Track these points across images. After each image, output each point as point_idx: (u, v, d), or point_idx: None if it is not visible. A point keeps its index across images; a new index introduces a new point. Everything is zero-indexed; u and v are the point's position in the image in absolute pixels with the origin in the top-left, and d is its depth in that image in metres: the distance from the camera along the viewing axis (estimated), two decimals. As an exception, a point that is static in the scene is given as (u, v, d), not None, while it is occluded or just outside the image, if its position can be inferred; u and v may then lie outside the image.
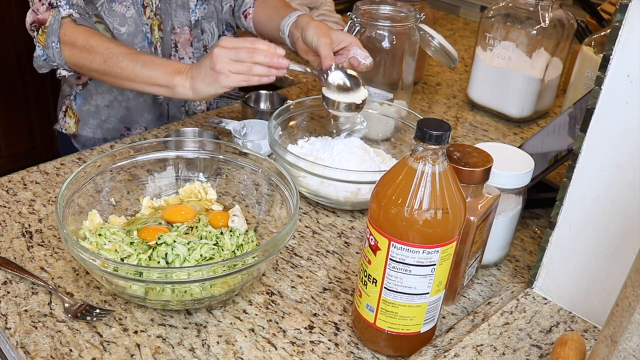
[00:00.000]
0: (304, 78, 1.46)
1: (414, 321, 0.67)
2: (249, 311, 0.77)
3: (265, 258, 0.71)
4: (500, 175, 0.78)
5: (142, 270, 0.69)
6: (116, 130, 1.25)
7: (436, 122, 0.59)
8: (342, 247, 0.89)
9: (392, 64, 1.13)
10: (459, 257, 0.74)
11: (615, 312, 0.51)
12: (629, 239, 0.66)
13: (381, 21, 1.11)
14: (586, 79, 1.15)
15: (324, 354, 0.71)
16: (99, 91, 1.22)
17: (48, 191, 0.97)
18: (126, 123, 1.25)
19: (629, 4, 0.60)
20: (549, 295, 0.76)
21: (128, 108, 1.24)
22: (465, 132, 1.24)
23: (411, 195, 0.60)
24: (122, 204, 0.88)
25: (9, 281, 0.79)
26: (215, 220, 0.84)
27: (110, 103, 1.23)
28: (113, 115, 1.24)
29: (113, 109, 1.24)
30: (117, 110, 1.24)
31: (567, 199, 0.70)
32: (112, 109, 1.24)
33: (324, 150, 0.99)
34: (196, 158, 0.92)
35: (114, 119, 1.24)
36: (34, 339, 0.71)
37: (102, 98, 1.23)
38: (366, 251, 0.66)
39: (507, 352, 0.68)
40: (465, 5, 1.95)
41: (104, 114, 1.24)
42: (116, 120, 1.24)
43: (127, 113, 1.24)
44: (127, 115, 1.25)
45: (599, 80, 0.64)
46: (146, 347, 0.71)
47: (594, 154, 0.66)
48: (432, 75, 1.51)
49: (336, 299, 0.79)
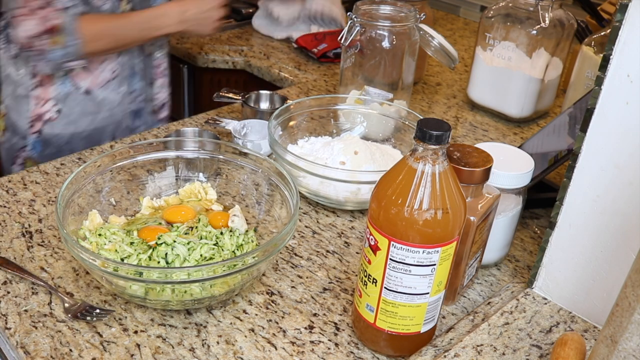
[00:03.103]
0: (304, 78, 1.46)
1: (414, 321, 0.67)
2: (249, 311, 0.77)
3: (265, 258, 0.71)
4: (500, 175, 0.78)
5: (142, 270, 0.69)
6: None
7: (436, 122, 0.59)
8: (342, 247, 0.89)
9: (392, 64, 1.13)
10: (459, 257, 0.74)
11: (615, 312, 0.51)
12: (629, 239, 0.66)
13: (381, 21, 1.11)
14: (586, 79, 1.15)
15: (324, 354, 0.71)
16: (55, 131, 1.20)
17: (48, 191, 0.97)
18: (94, 144, 1.24)
19: (629, 4, 0.60)
20: (549, 295, 0.76)
21: (87, 136, 1.24)
22: (465, 132, 1.24)
23: (411, 195, 0.60)
24: (122, 204, 0.88)
25: (9, 281, 0.79)
26: (215, 220, 0.84)
27: (70, 138, 1.22)
28: (76, 147, 1.22)
29: (74, 141, 1.23)
30: (78, 143, 1.23)
31: (567, 199, 0.70)
32: (73, 142, 1.23)
33: (324, 150, 0.99)
34: (196, 158, 0.92)
35: (78, 148, 1.23)
36: (34, 339, 0.71)
37: (60, 138, 1.21)
38: (366, 251, 0.66)
39: (507, 352, 0.68)
40: (465, 5, 1.95)
41: (67, 151, 1.21)
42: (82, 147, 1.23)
43: (87, 141, 1.24)
44: (92, 140, 1.24)
45: (599, 80, 0.64)
46: (146, 347, 0.71)
47: (594, 154, 0.66)
48: (432, 75, 1.51)
49: (336, 299, 0.79)
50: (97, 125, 1.23)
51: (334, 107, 1.09)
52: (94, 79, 1.19)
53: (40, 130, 1.20)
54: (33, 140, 1.21)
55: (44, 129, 1.20)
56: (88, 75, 1.19)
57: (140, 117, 1.30)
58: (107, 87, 1.21)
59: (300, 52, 1.60)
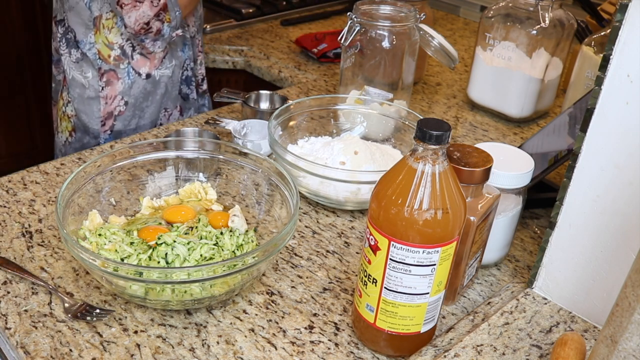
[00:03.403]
0: (304, 78, 1.46)
1: (414, 321, 0.67)
2: (249, 311, 0.77)
3: (265, 258, 0.71)
4: (500, 175, 0.78)
5: (142, 270, 0.69)
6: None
7: (436, 122, 0.59)
8: (342, 247, 0.89)
9: (392, 64, 1.13)
10: (459, 257, 0.74)
11: (615, 312, 0.51)
12: (629, 239, 0.66)
13: (381, 21, 1.11)
14: (586, 79, 1.15)
15: (324, 354, 0.71)
16: (125, 123, 1.29)
17: (48, 191, 0.97)
18: (155, 123, 1.33)
19: (629, 4, 0.60)
20: (549, 295, 0.76)
21: (151, 118, 1.31)
22: (465, 132, 1.24)
23: (411, 195, 0.60)
24: (122, 204, 0.88)
25: (9, 281, 0.79)
26: (215, 220, 0.84)
27: (137, 125, 1.30)
28: (142, 130, 1.30)
29: (140, 126, 1.31)
30: (143, 127, 1.31)
31: (567, 199, 0.70)
32: (139, 127, 1.31)
33: (324, 150, 0.99)
34: (196, 158, 0.92)
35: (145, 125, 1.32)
36: (34, 339, 0.71)
37: (129, 127, 1.30)
38: (366, 251, 0.66)
39: (507, 352, 0.68)
40: (465, 5, 1.95)
41: (133, 124, 1.31)
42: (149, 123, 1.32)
43: (151, 122, 1.32)
44: (152, 122, 1.32)
45: (599, 80, 0.64)
46: (146, 347, 0.71)
47: (594, 154, 0.66)
48: (432, 75, 1.51)
49: (336, 299, 0.79)
50: (156, 103, 1.30)
51: (334, 107, 1.09)
52: (151, 62, 1.25)
53: (112, 126, 1.28)
54: (106, 138, 1.29)
55: (115, 124, 1.28)
56: (145, 61, 1.25)
57: (189, 86, 1.38)
58: (162, 65, 1.28)
59: (300, 52, 1.60)
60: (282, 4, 1.86)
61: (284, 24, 1.79)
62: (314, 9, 1.91)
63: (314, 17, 1.85)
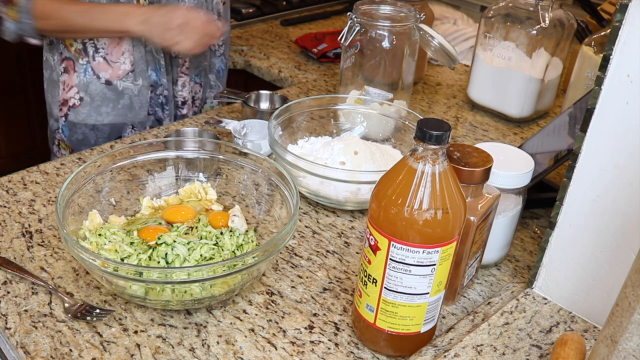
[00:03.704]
0: (304, 78, 1.46)
1: (414, 321, 0.67)
2: (249, 311, 0.77)
3: (265, 258, 0.71)
4: (500, 175, 0.78)
5: (142, 270, 0.69)
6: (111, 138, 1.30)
7: (436, 122, 0.59)
8: (342, 247, 0.89)
9: (392, 64, 1.13)
10: (459, 257, 0.74)
11: (615, 312, 0.51)
12: (629, 239, 0.66)
13: (381, 21, 1.11)
14: (586, 79, 1.15)
15: (324, 354, 0.71)
16: (79, 118, 1.27)
17: (48, 191, 0.97)
18: (118, 134, 1.29)
19: (629, 4, 0.60)
20: (549, 295, 0.76)
21: (112, 124, 1.27)
22: (465, 132, 1.24)
23: (411, 195, 0.60)
24: (122, 204, 0.88)
25: (9, 281, 0.79)
26: (215, 220, 0.84)
27: (94, 126, 1.27)
28: (101, 137, 1.28)
29: (99, 130, 1.28)
30: (102, 130, 1.28)
31: (567, 199, 0.70)
32: (98, 130, 1.28)
33: (324, 150, 0.99)
34: (196, 158, 0.92)
35: (101, 140, 1.28)
36: (34, 339, 0.71)
37: (84, 124, 1.27)
38: (366, 251, 0.66)
39: (507, 352, 0.68)
40: (465, 5, 1.95)
41: (92, 138, 1.28)
42: (105, 139, 1.28)
43: (113, 128, 1.28)
44: (114, 130, 1.28)
45: (599, 80, 0.64)
46: (146, 347, 0.71)
47: (594, 154, 0.66)
48: (432, 75, 1.51)
49: (336, 299, 0.79)
50: (118, 112, 1.27)
51: (334, 107, 1.09)
52: (114, 71, 1.23)
53: (67, 115, 1.27)
54: (62, 124, 1.29)
55: (69, 114, 1.27)
56: (108, 67, 1.22)
57: (165, 111, 1.33)
58: (127, 79, 1.24)
59: (300, 52, 1.60)
60: (282, 4, 1.86)
61: (284, 24, 1.79)
62: (314, 9, 1.91)
63: (314, 17, 1.85)
